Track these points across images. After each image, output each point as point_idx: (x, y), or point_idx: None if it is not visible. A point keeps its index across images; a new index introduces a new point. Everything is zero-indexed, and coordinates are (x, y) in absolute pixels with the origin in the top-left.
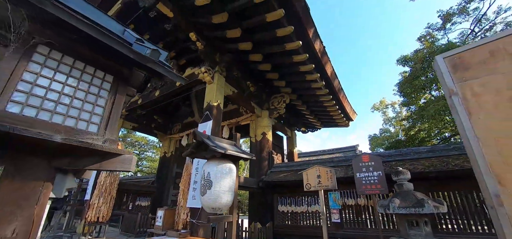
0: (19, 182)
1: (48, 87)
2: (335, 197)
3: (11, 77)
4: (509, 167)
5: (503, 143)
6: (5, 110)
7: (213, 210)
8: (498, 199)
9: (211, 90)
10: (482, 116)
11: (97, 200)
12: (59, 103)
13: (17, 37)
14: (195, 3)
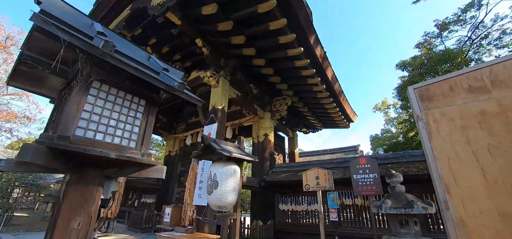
0: (81, 188)
1: (100, 114)
2: (333, 197)
3: (77, 109)
4: (455, 181)
5: (452, 162)
6: (74, 135)
7: (219, 208)
8: (446, 204)
9: (216, 94)
10: (439, 140)
11: None
12: (109, 126)
13: (81, 78)
14: (202, 12)
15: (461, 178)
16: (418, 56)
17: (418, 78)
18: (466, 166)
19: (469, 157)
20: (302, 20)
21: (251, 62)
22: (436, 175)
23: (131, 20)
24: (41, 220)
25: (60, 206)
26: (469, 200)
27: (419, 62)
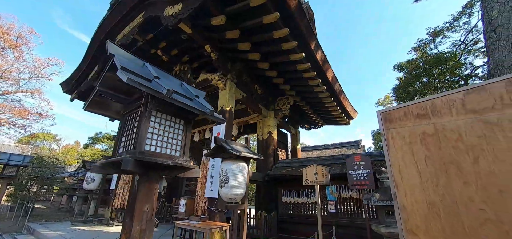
0: (147, 184)
1: (157, 133)
2: (332, 191)
3: (145, 132)
4: (401, 180)
5: (401, 167)
6: (145, 149)
7: (230, 199)
8: (395, 195)
9: (224, 96)
10: (394, 151)
11: (122, 190)
12: (162, 141)
13: (145, 110)
14: (211, 23)
15: (405, 178)
16: (413, 60)
17: (412, 80)
18: (409, 170)
19: (412, 164)
20: (303, 29)
21: (256, 65)
22: (390, 175)
23: (144, 26)
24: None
25: (136, 196)
26: (409, 193)
27: (414, 65)
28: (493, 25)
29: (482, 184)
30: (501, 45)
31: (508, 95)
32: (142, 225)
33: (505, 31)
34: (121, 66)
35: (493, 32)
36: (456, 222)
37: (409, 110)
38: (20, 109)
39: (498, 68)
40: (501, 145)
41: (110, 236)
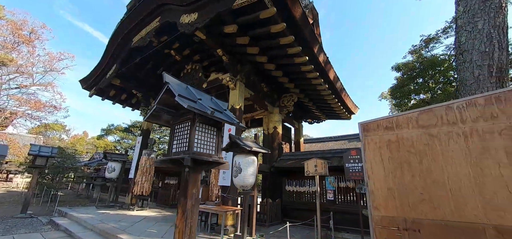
0: (193, 175)
1: (200, 138)
2: (330, 181)
3: (193, 137)
4: (372, 173)
5: (372, 164)
6: (194, 151)
7: (242, 187)
8: (367, 184)
9: (234, 95)
10: (368, 152)
11: (140, 178)
12: (203, 143)
13: (194, 122)
14: (224, 31)
15: (375, 172)
16: (410, 61)
17: (407, 82)
18: (377, 166)
19: (379, 162)
20: (307, 35)
21: (263, 66)
22: (365, 169)
23: (160, 30)
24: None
25: (187, 182)
26: (377, 182)
27: (410, 67)
28: (461, 49)
29: (422, 177)
30: (466, 67)
31: (446, 116)
32: (192, 202)
33: (469, 55)
34: (178, 94)
35: (461, 55)
36: (404, 201)
37: (380, 123)
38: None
39: (462, 85)
40: (436, 150)
41: (134, 218)
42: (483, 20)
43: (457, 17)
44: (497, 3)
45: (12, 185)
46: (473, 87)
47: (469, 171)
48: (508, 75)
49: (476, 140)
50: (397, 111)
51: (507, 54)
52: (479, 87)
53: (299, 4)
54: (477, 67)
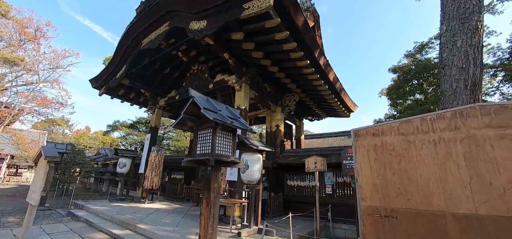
0: (215, 172)
1: (220, 142)
2: (329, 176)
3: (215, 141)
4: (361, 171)
5: (362, 164)
6: (216, 153)
7: (249, 182)
8: (357, 179)
9: (240, 96)
10: (358, 154)
11: (150, 173)
12: (223, 146)
13: (215, 129)
14: (231, 37)
15: (363, 170)
16: (406, 64)
17: (403, 83)
18: (365, 166)
19: (367, 162)
20: (308, 41)
21: (267, 69)
22: (355, 168)
23: (169, 33)
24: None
25: (210, 179)
26: (364, 178)
27: (406, 70)
28: (443, 63)
29: (400, 175)
30: (446, 80)
31: (421, 126)
32: (214, 194)
33: (449, 69)
34: (203, 107)
35: (442, 69)
36: (385, 194)
37: (369, 130)
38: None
39: (442, 96)
40: (412, 154)
41: (147, 210)
42: (462, 40)
43: (441, 35)
44: (474, 25)
45: (22, 179)
46: (450, 98)
47: (435, 171)
48: (481, 88)
49: (443, 146)
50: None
51: (480, 70)
52: (456, 98)
53: (302, 14)
54: (455, 81)
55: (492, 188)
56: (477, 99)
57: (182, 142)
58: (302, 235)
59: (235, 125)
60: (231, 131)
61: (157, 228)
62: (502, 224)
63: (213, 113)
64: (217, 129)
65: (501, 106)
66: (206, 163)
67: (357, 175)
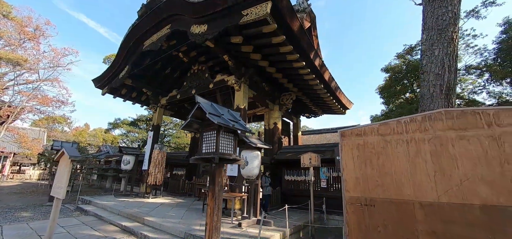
0: (219, 168)
1: (223, 142)
2: (324, 171)
3: (218, 141)
4: (346, 166)
5: (347, 160)
6: (219, 151)
7: (248, 177)
8: (342, 174)
9: (239, 96)
10: (343, 152)
11: (154, 170)
12: (226, 146)
13: (219, 131)
14: (231, 41)
15: (347, 166)
16: (397, 65)
17: (394, 83)
18: (349, 161)
19: (351, 159)
20: (304, 44)
21: (265, 69)
22: (341, 164)
23: (170, 36)
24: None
25: (214, 174)
26: (349, 173)
27: (397, 70)
28: (423, 69)
29: (378, 169)
30: (424, 84)
31: (396, 128)
32: (218, 187)
33: (427, 75)
34: (208, 112)
35: (422, 74)
36: (366, 186)
37: (353, 131)
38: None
39: (421, 99)
40: (389, 151)
41: (152, 204)
42: (439, 49)
43: (422, 43)
44: (450, 36)
45: (25, 176)
46: (428, 101)
47: (407, 166)
48: (455, 93)
49: (413, 145)
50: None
51: (455, 76)
52: (432, 101)
53: (297, 19)
54: (432, 86)
55: (451, 180)
56: (451, 102)
57: (183, 139)
58: (297, 225)
59: (236, 127)
60: (232, 132)
61: (164, 220)
62: (457, 210)
63: (217, 117)
64: (220, 131)
65: (462, 111)
66: (212, 160)
67: (343, 170)
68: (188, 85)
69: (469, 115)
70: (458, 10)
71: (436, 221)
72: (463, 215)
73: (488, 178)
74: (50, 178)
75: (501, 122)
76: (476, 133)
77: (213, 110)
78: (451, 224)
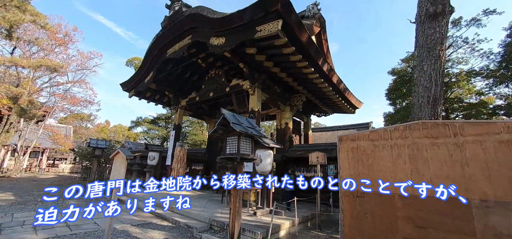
0: (239, 165)
1: (244, 145)
2: (332, 168)
3: (239, 144)
4: (343, 166)
5: (344, 161)
6: (240, 152)
7: (262, 173)
8: (339, 173)
9: (253, 100)
10: (341, 154)
11: (176, 165)
12: (245, 147)
13: (240, 136)
14: (246, 52)
15: (344, 165)
16: (403, 68)
17: (400, 85)
18: (345, 161)
19: (346, 159)
20: (312, 53)
21: (276, 74)
22: (339, 164)
23: (191, 45)
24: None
25: (236, 169)
26: (344, 171)
27: (402, 73)
28: (414, 82)
29: (369, 168)
30: (415, 95)
31: (383, 135)
32: None
33: (417, 88)
34: (232, 122)
35: (414, 86)
36: (357, 181)
37: (348, 137)
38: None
39: (412, 107)
40: (376, 154)
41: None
42: (427, 64)
43: (414, 58)
44: (437, 54)
45: (58, 170)
46: (417, 110)
47: (390, 166)
48: (441, 103)
49: (396, 149)
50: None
51: (441, 89)
52: (421, 110)
53: (305, 31)
54: (421, 97)
55: (424, 178)
56: (437, 111)
57: (199, 136)
58: (305, 215)
59: (253, 133)
60: (250, 137)
61: (190, 208)
62: (428, 201)
63: (238, 125)
64: (241, 136)
65: (435, 123)
66: (234, 159)
67: (340, 168)
68: (206, 88)
69: (440, 127)
70: (445, 31)
71: (412, 209)
72: (432, 205)
73: (451, 176)
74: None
75: (464, 133)
76: (444, 141)
77: (235, 120)
78: (423, 212)
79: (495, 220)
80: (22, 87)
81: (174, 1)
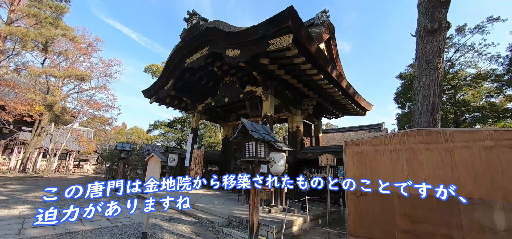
0: (257, 167)
1: (261, 149)
2: (342, 169)
3: (258, 149)
4: (348, 168)
5: (349, 163)
6: (258, 156)
7: (276, 174)
8: (345, 173)
9: (266, 105)
10: (347, 156)
11: (194, 166)
12: (262, 151)
13: (256, 143)
14: (259, 62)
15: (348, 167)
16: (410, 73)
17: (407, 89)
18: (350, 164)
19: (351, 162)
20: (321, 62)
21: (288, 81)
22: (344, 166)
23: (208, 56)
24: None
25: (254, 170)
26: (349, 172)
27: (410, 78)
28: (414, 91)
29: (371, 169)
30: (415, 103)
31: (384, 140)
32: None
33: (417, 97)
34: (250, 130)
35: (414, 95)
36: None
37: (353, 142)
38: (95, 103)
39: (412, 115)
40: (377, 157)
41: (197, 195)
42: (426, 75)
43: (414, 69)
44: (435, 66)
45: (83, 170)
46: (417, 117)
47: (390, 168)
48: (440, 111)
49: (394, 153)
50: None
51: (439, 98)
52: (421, 117)
53: (314, 42)
54: (421, 105)
55: (419, 179)
56: (435, 119)
57: (213, 138)
58: (316, 213)
59: (268, 139)
60: (266, 142)
61: (210, 205)
62: (421, 199)
63: (256, 133)
64: (258, 142)
65: (429, 130)
66: (253, 162)
67: (345, 170)
68: (222, 94)
69: (433, 134)
70: (443, 45)
71: (408, 207)
72: (426, 203)
73: (443, 177)
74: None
75: (454, 139)
76: (437, 146)
77: (253, 128)
78: (418, 209)
79: (480, 215)
80: (52, 95)
81: (192, 14)
